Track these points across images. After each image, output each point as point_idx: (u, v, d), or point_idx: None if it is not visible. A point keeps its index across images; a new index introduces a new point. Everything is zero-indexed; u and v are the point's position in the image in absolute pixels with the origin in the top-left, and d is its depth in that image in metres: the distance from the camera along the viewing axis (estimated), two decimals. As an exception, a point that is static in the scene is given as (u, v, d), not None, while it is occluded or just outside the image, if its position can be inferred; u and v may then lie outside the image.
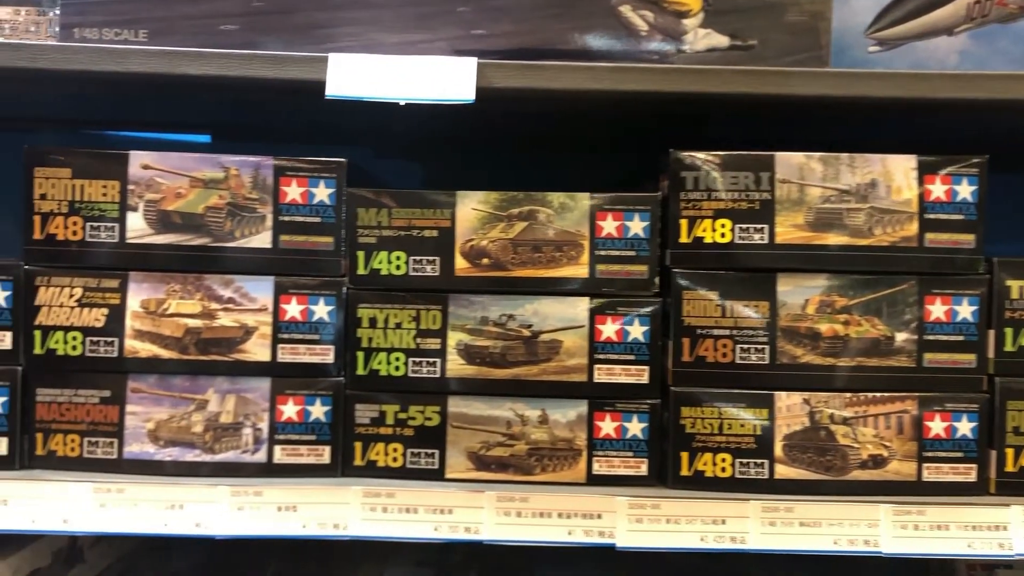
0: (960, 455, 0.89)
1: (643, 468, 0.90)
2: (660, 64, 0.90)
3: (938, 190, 0.89)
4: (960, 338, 0.89)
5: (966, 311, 0.89)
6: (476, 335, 0.90)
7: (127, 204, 0.90)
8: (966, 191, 0.89)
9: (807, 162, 0.89)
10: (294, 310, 0.90)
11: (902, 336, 0.89)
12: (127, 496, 0.86)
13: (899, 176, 0.89)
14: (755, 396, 0.89)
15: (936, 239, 0.89)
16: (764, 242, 0.89)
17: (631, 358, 0.90)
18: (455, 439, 0.90)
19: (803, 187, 0.89)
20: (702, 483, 0.88)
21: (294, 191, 0.90)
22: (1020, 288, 0.89)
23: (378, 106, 0.85)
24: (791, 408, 0.89)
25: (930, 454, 0.88)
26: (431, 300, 0.90)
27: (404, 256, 0.90)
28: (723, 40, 0.91)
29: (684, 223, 0.89)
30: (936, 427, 0.89)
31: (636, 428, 0.90)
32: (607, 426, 0.90)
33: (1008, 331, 0.89)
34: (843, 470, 0.88)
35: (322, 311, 0.90)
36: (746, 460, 0.88)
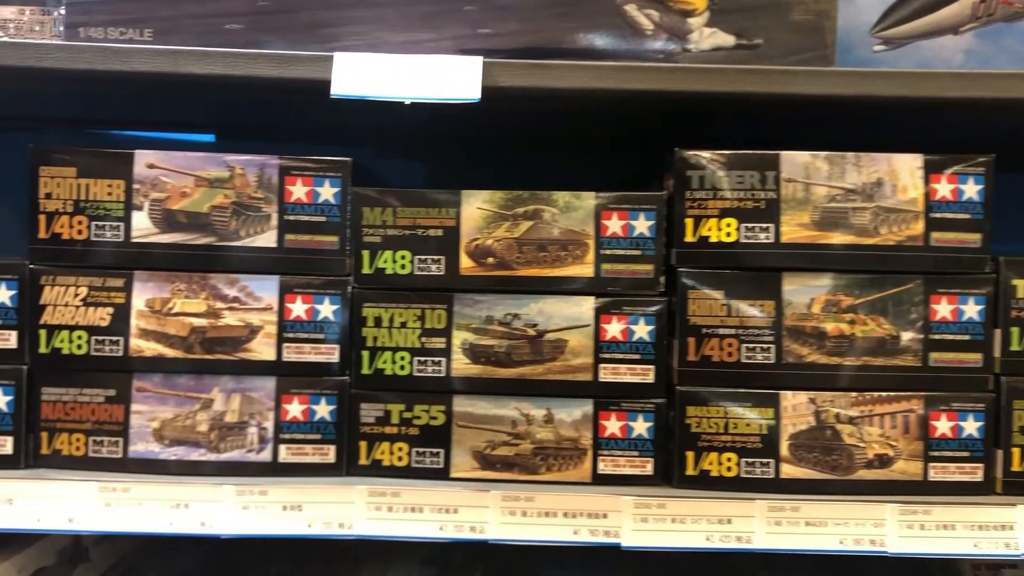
0: (966, 454, 0.88)
1: (648, 468, 0.90)
2: (665, 63, 0.90)
3: (944, 189, 0.89)
4: (966, 337, 0.89)
5: (972, 310, 0.89)
6: (481, 334, 0.90)
7: (132, 203, 0.90)
8: (972, 190, 0.89)
9: (813, 161, 0.89)
10: (299, 309, 0.90)
11: (908, 335, 0.89)
12: (132, 495, 0.86)
13: (905, 175, 0.89)
14: (761, 395, 0.89)
15: (942, 238, 0.89)
16: (770, 241, 0.89)
17: (636, 357, 0.89)
18: (460, 438, 0.90)
19: (809, 186, 0.89)
20: (708, 483, 0.88)
21: (299, 190, 0.90)
22: (1026, 287, 0.89)
23: (382, 105, 0.85)
24: (797, 407, 0.89)
25: (936, 453, 0.88)
26: (436, 299, 0.90)
27: (409, 255, 0.90)
28: (728, 39, 0.91)
29: (689, 222, 0.89)
30: (942, 426, 0.88)
31: (641, 427, 0.90)
32: (612, 425, 0.90)
33: (1014, 330, 0.89)
34: (849, 469, 0.88)
35: (327, 310, 0.90)
36: (752, 459, 0.88)
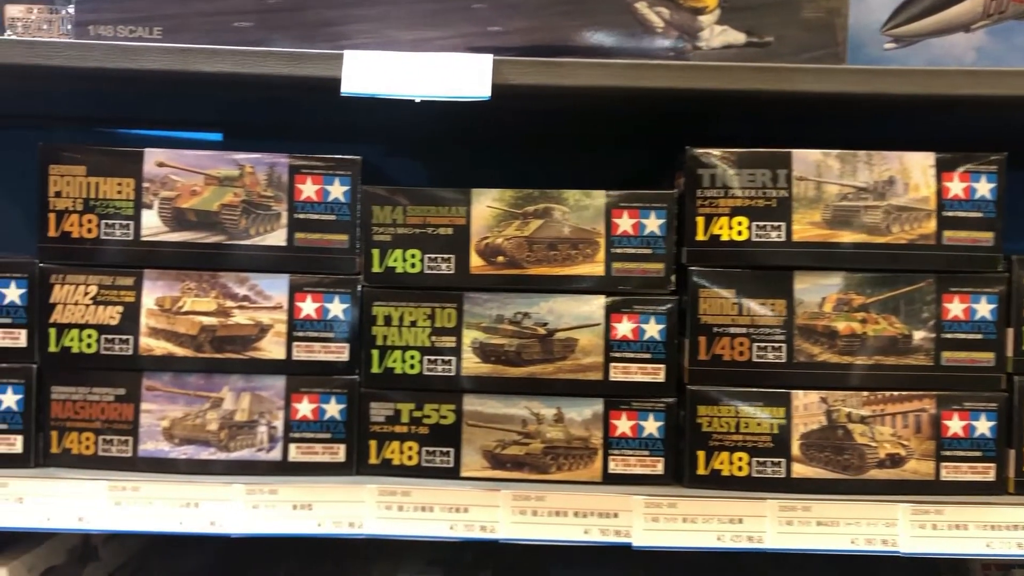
0: (978, 454, 0.88)
1: (659, 467, 0.90)
2: (676, 61, 0.89)
3: (956, 187, 0.88)
4: (978, 336, 0.88)
5: (984, 309, 0.88)
6: (491, 333, 0.90)
7: (142, 202, 0.90)
8: (984, 188, 0.88)
9: (824, 159, 0.89)
10: (309, 308, 0.90)
11: (920, 334, 0.88)
12: (142, 494, 0.86)
13: (917, 173, 0.89)
14: (772, 395, 0.88)
15: (954, 237, 0.88)
16: (781, 240, 0.88)
17: (647, 356, 0.89)
18: (470, 437, 0.90)
19: (820, 184, 0.88)
20: (719, 482, 0.88)
21: (309, 189, 0.90)
22: (1039, 286, 0.89)
23: (390, 104, 0.85)
24: (808, 407, 0.88)
25: (948, 453, 0.88)
26: (446, 298, 0.90)
27: (419, 254, 0.90)
28: (739, 37, 0.91)
29: (700, 221, 0.89)
30: (954, 426, 0.88)
31: (652, 427, 0.89)
32: (623, 425, 0.89)
33: (1027, 329, 0.89)
34: (861, 469, 0.88)
35: (337, 309, 0.90)
36: (763, 459, 0.88)
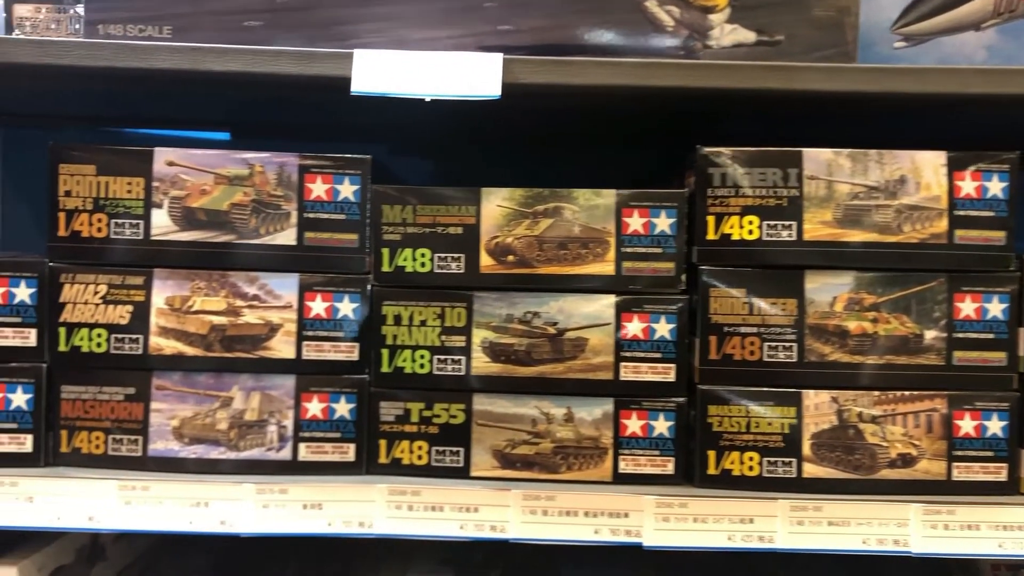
0: (990, 454, 0.88)
1: (670, 467, 0.89)
2: (686, 60, 0.89)
3: (968, 186, 0.88)
4: (990, 336, 0.88)
5: (996, 309, 0.88)
6: (501, 332, 0.90)
7: (152, 201, 0.90)
8: (996, 187, 0.88)
9: (835, 158, 0.88)
10: (319, 307, 0.90)
11: (931, 334, 0.88)
12: (152, 494, 0.86)
13: (928, 172, 0.88)
14: (783, 394, 0.88)
15: (966, 236, 0.88)
16: (792, 239, 0.88)
17: (657, 356, 0.89)
18: (480, 437, 0.90)
19: (831, 183, 0.88)
20: (730, 482, 0.88)
21: (319, 188, 0.90)
22: (1051, 286, 0.88)
23: (400, 102, 0.85)
24: (819, 406, 0.88)
25: (960, 453, 0.88)
26: (456, 297, 0.90)
27: (429, 253, 0.90)
28: (750, 36, 0.90)
29: (711, 220, 0.88)
30: (966, 426, 0.88)
31: (663, 426, 0.89)
32: (633, 424, 0.89)
33: (1039, 329, 0.88)
34: (872, 469, 0.87)
35: (347, 308, 0.90)
36: (774, 459, 0.88)
